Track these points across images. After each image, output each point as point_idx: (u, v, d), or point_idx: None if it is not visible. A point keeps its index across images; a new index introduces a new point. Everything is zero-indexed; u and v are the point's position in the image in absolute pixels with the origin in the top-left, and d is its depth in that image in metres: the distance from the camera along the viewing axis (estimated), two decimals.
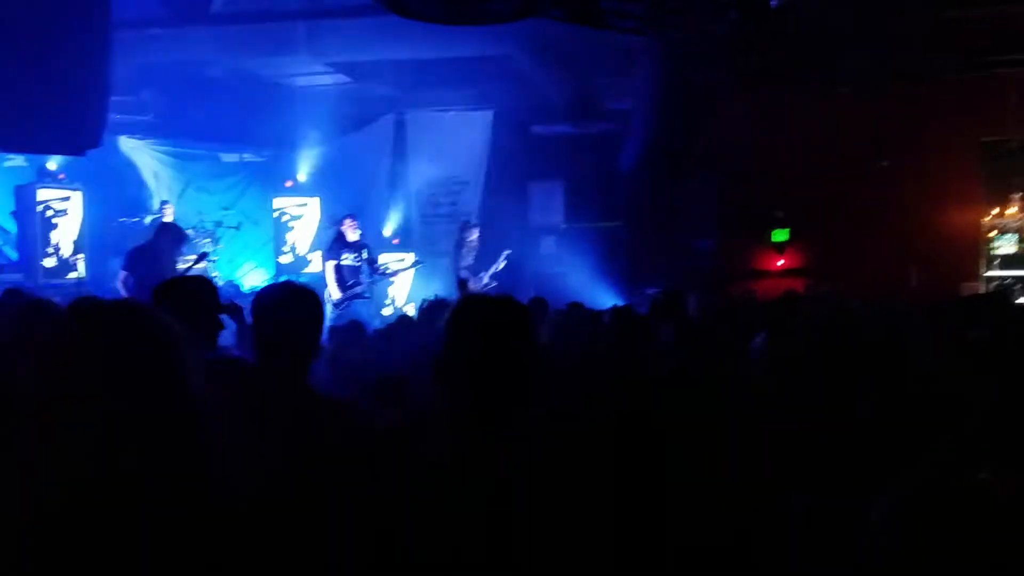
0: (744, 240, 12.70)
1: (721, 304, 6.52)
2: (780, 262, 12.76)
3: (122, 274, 8.75)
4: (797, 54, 10.52)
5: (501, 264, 10.88)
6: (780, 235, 12.78)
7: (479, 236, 11.14)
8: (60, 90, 7.09)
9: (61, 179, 11.87)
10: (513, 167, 13.13)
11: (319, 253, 12.65)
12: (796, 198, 12.26)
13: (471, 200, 13.42)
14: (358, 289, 10.04)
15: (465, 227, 11.26)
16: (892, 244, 11.78)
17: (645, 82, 10.73)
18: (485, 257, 11.14)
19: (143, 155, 13.16)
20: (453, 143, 13.29)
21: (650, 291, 9.53)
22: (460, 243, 11.05)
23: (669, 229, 12.00)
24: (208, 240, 12.37)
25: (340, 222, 10.47)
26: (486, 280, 10.77)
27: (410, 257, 11.94)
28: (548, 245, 13.05)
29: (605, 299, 10.13)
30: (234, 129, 12.73)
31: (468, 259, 10.96)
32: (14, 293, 5.11)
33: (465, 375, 2.07)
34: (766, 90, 11.71)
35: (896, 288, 9.97)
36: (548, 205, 13.41)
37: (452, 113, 13.44)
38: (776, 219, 12.63)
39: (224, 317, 3.48)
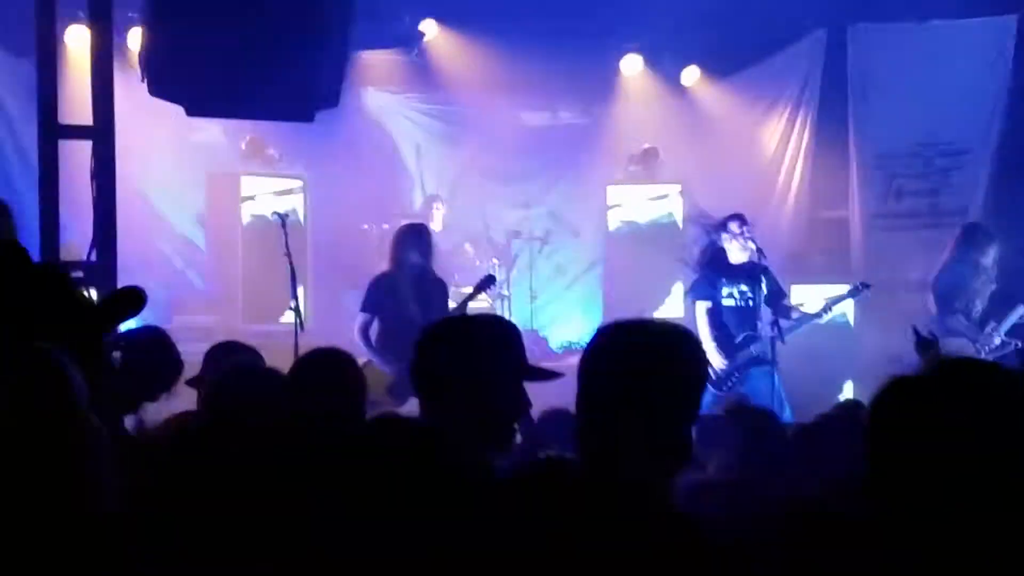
0: None
1: None
2: None
3: (361, 319, 7.19)
4: None
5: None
6: None
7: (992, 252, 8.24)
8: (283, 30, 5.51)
9: (275, 160, 9.91)
10: None
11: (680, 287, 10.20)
12: None
13: (971, 182, 10.25)
14: (754, 348, 7.69)
15: (975, 236, 8.33)
16: None
17: None
18: (996, 297, 8.20)
19: (400, 118, 11.20)
20: (938, 80, 10.07)
21: None
22: (965, 262, 8.17)
23: None
24: (496, 262, 10.24)
25: (718, 227, 7.96)
26: (997, 340, 8.00)
27: (841, 288, 8.33)
28: None
29: None
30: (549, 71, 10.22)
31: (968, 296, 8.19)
32: (228, 347, 4.28)
33: None
34: None
35: None
36: None
37: (938, 24, 9.99)
38: None
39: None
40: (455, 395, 2.45)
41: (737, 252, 7.83)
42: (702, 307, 7.90)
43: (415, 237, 7.42)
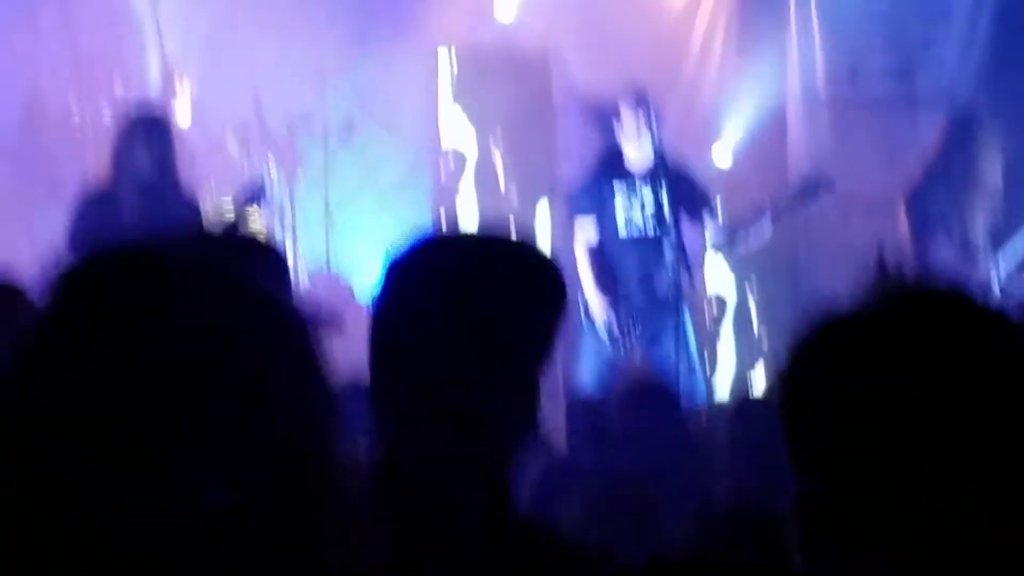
0: None
1: None
2: None
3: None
4: None
5: None
6: None
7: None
8: None
9: None
10: None
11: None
12: None
13: (960, 56, 10.89)
14: (660, 290, 8.48)
15: (969, 133, 8.99)
16: None
17: None
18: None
19: None
20: None
21: None
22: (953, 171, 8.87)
23: None
24: (272, 165, 10.74)
25: (607, 113, 8.93)
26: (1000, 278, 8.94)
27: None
28: None
29: None
30: None
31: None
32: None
33: None
34: None
35: None
36: None
37: None
38: None
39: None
40: None
41: (634, 148, 8.31)
42: (583, 227, 8.44)
43: (144, 131, 7.72)
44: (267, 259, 2.93)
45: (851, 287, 4.80)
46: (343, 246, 11.49)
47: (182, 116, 9.66)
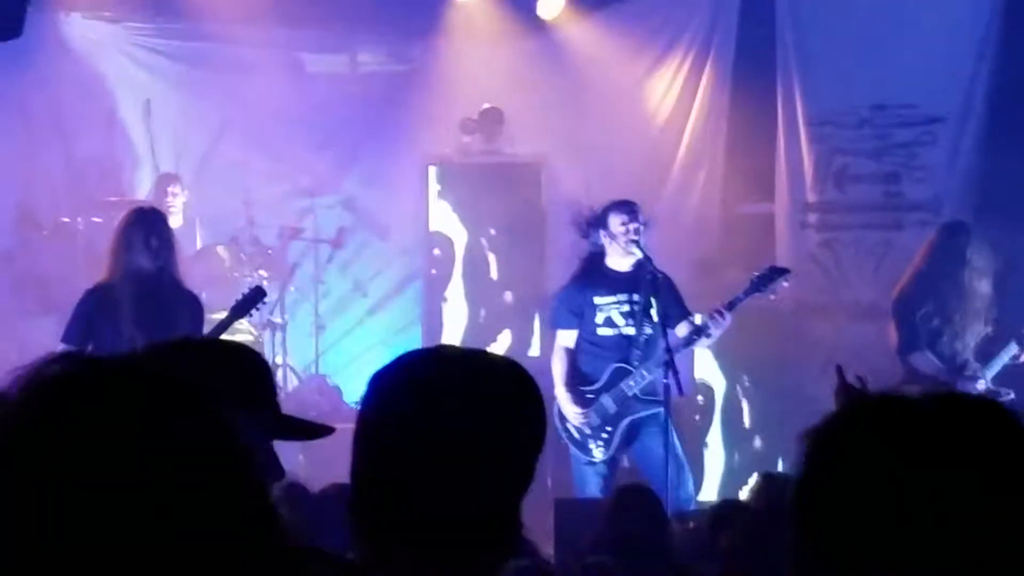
0: None
1: None
2: None
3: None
4: None
5: None
6: None
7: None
8: None
9: None
10: None
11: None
12: None
13: (946, 163, 10.91)
14: (629, 386, 8.39)
15: (956, 240, 9.04)
16: None
17: None
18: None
19: (120, 59, 11.71)
20: (901, 20, 10.73)
21: None
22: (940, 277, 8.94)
23: None
24: (265, 274, 10.86)
25: (595, 221, 8.63)
26: (980, 388, 8.69)
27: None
28: None
29: None
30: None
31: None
32: None
33: None
34: None
35: None
36: None
37: None
38: None
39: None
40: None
41: (619, 257, 8.29)
42: (564, 340, 8.43)
43: (144, 229, 7.60)
44: (247, 368, 2.90)
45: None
46: (333, 351, 11.52)
47: (173, 223, 9.65)
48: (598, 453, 8.27)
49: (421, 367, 2.28)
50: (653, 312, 8.29)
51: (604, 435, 8.24)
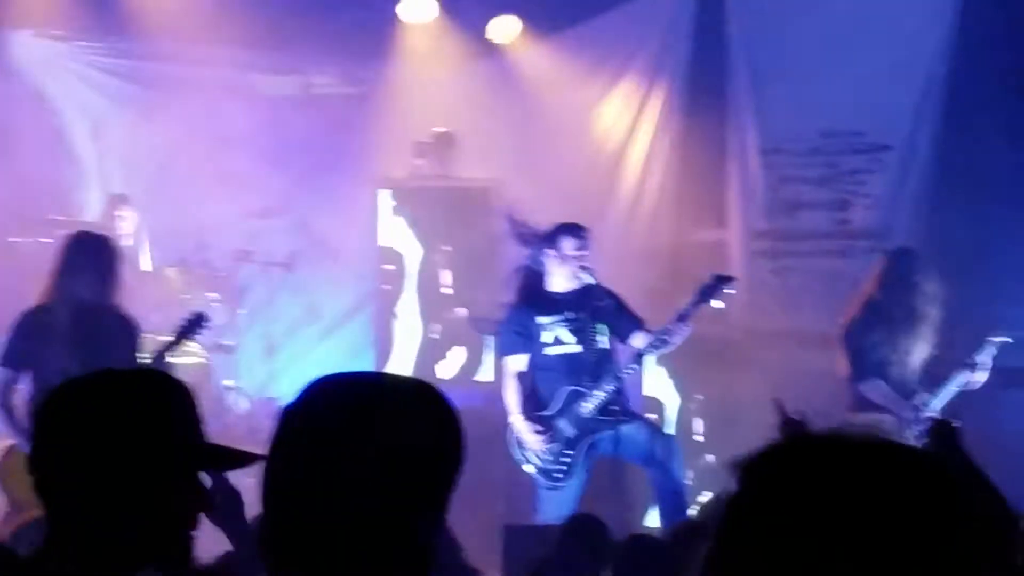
0: None
1: None
2: None
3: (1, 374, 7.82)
4: None
5: (976, 376, 8.79)
6: None
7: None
8: None
9: None
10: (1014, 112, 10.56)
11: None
12: None
13: (894, 191, 11.01)
14: (595, 400, 8.35)
15: (904, 268, 8.96)
16: None
17: None
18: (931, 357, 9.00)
19: (69, 78, 11.76)
20: (850, 47, 10.76)
21: None
22: (889, 305, 8.90)
23: None
24: (213, 293, 11.03)
25: (543, 241, 8.62)
26: (931, 413, 8.63)
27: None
28: None
29: None
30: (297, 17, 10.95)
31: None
32: None
33: None
34: None
35: None
36: None
37: None
38: None
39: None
40: (87, 494, 2.56)
41: (563, 279, 8.30)
42: (514, 366, 8.34)
43: (84, 253, 7.55)
44: (165, 383, 2.82)
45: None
46: (286, 375, 11.45)
47: (123, 243, 9.70)
48: (560, 478, 8.21)
49: (329, 394, 2.25)
50: (602, 329, 8.25)
51: (565, 459, 8.18)
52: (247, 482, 2.82)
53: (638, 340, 8.24)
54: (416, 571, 2.22)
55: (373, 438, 2.17)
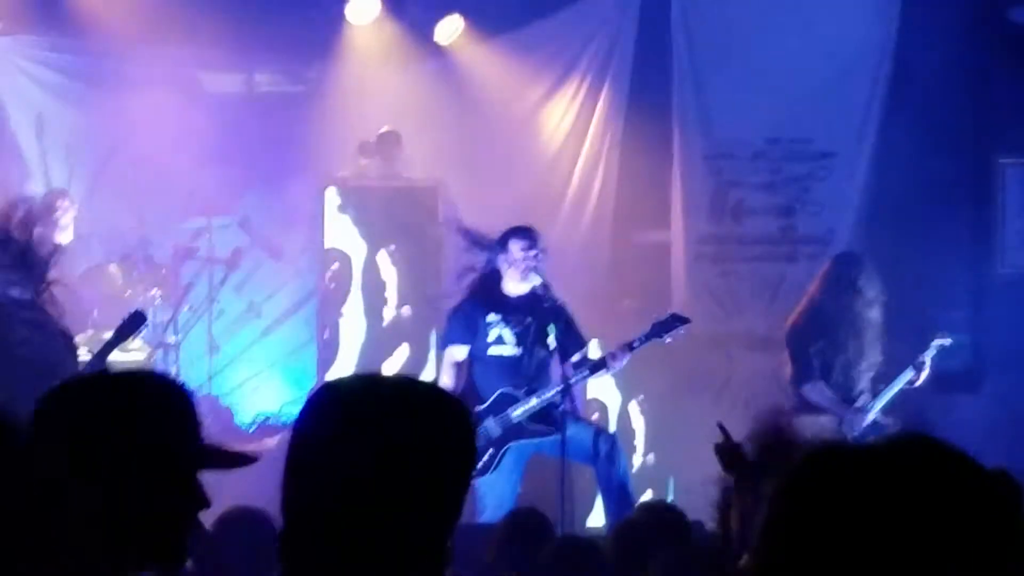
0: None
1: None
2: None
3: None
4: None
5: (920, 377, 9.06)
6: None
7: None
8: None
9: None
10: (960, 120, 11.00)
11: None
12: None
13: (838, 197, 11.13)
14: (527, 406, 8.44)
15: (849, 273, 9.03)
16: None
17: None
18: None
19: (13, 72, 11.74)
20: (795, 53, 10.93)
21: None
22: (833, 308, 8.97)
23: None
24: (157, 293, 10.86)
25: (495, 245, 8.72)
26: (868, 419, 8.91)
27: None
28: None
29: None
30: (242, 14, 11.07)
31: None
32: None
33: None
34: None
35: None
36: None
37: None
38: None
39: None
40: (76, 496, 2.54)
41: (516, 282, 8.33)
42: (454, 355, 8.44)
43: (13, 251, 7.40)
44: (165, 387, 2.80)
45: (736, 427, 4.76)
46: (226, 372, 11.52)
47: (62, 240, 9.59)
48: (478, 470, 8.08)
49: (352, 395, 2.28)
50: (548, 338, 8.28)
51: (484, 457, 8.26)
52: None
53: (579, 362, 8.33)
54: (432, 571, 2.23)
55: (385, 440, 2.19)
